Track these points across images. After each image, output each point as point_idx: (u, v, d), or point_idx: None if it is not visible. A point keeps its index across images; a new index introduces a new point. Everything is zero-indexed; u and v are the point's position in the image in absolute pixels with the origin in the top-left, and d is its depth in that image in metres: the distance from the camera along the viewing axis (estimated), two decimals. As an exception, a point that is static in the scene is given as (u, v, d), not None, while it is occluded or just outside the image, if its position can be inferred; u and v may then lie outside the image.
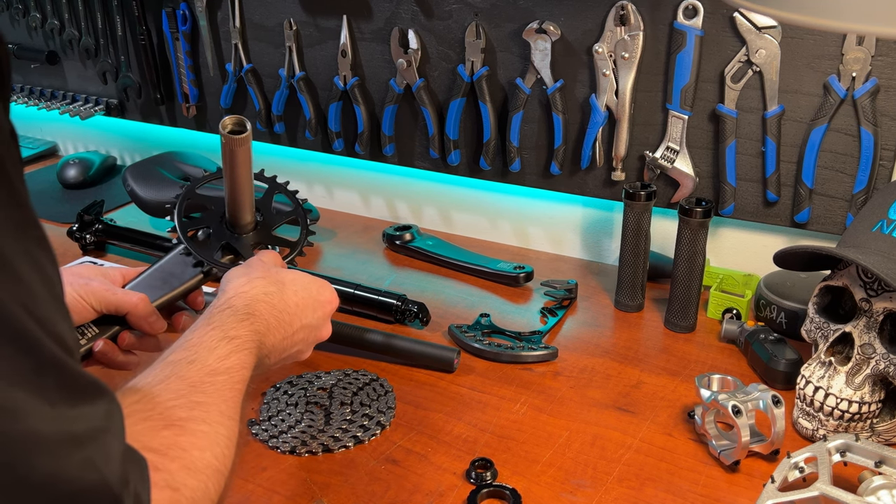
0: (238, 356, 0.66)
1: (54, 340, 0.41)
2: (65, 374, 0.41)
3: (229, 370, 0.64)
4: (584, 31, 1.16)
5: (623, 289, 1.15)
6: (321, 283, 0.82)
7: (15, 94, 1.82)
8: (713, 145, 1.15)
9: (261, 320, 0.72)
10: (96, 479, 0.42)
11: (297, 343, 0.77)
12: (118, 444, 0.46)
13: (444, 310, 1.16)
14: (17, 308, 0.39)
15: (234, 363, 0.64)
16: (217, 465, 0.57)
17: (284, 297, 0.76)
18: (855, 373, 0.84)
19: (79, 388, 0.43)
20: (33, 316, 0.40)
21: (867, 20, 0.51)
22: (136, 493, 0.46)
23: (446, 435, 0.90)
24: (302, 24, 1.39)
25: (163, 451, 0.52)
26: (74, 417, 0.42)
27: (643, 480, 0.83)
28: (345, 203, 1.55)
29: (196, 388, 0.60)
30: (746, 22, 1.06)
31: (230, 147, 0.80)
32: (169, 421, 0.55)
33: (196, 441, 0.56)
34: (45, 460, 0.39)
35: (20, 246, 0.40)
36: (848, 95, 1.03)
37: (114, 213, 1.52)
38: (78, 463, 0.41)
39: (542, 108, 1.24)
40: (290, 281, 0.78)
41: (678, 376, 1.00)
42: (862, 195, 1.06)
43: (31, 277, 0.40)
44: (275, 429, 0.91)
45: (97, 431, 0.43)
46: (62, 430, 0.40)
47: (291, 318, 0.76)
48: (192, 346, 0.64)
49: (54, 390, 0.40)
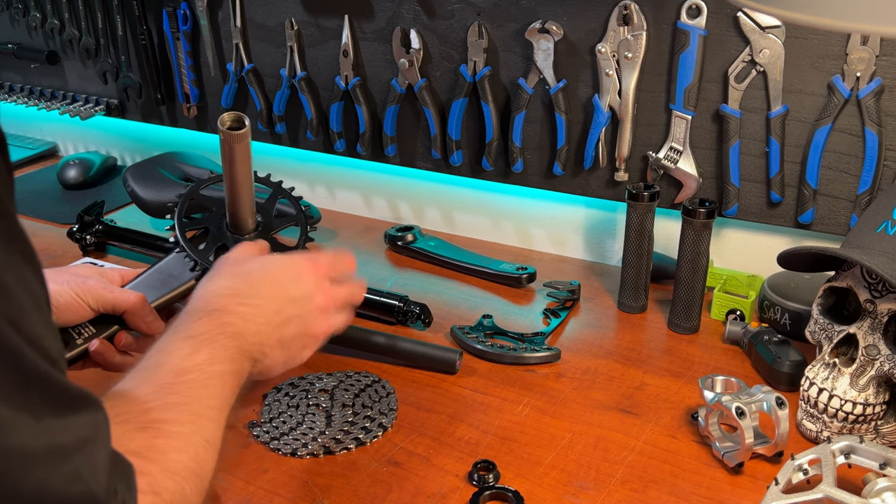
0: (205, 352, 0.65)
1: (40, 354, 0.41)
2: (51, 387, 0.42)
3: (199, 367, 0.63)
4: (587, 30, 1.16)
5: (626, 290, 1.15)
6: (293, 257, 0.80)
7: (15, 94, 1.82)
8: (717, 146, 1.14)
9: (227, 312, 0.70)
10: (83, 491, 0.43)
11: (292, 321, 0.75)
12: (105, 453, 0.46)
13: (446, 311, 1.16)
14: (3, 324, 0.39)
15: (201, 360, 0.64)
16: (193, 468, 0.56)
17: (251, 283, 0.74)
18: (859, 374, 0.84)
19: (65, 399, 0.43)
20: (20, 331, 0.40)
21: (871, 20, 0.50)
22: (124, 502, 0.46)
23: (448, 437, 0.90)
24: (303, 24, 1.38)
25: (142, 454, 0.52)
26: (61, 429, 0.42)
27: (646, 482, 0.82)
28: (346, 204, 1.55)
29: (166, 389, 0.60)
30: (750, 21, 1.05)
31: (229, 143, 0.79)
32: (144, 423, 0.56)
33: (172, 443, 0.56)
34: (33, 474, 0.40)
35: (6, 259, 0.40)
36: (852, 95, 1.03)
37: (114, 214, 1.51)
38: (65, 475, 0.41)
39: (545, 109, 1.23)
40: (257, 267, 0.76)
41: (681, 378, 1.00)
42: (866, 196, 1.05)
43: (17, 291, 0.40)
44: (276, 431, 0.91)
45: (83, 442, 0.43)
46: (49, 444, 0.41)
47: (266, 301, 0.73)
48: (159, 351, 0.64)
49: (40, 404, 0.41)
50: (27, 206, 1.55)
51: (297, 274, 0.77)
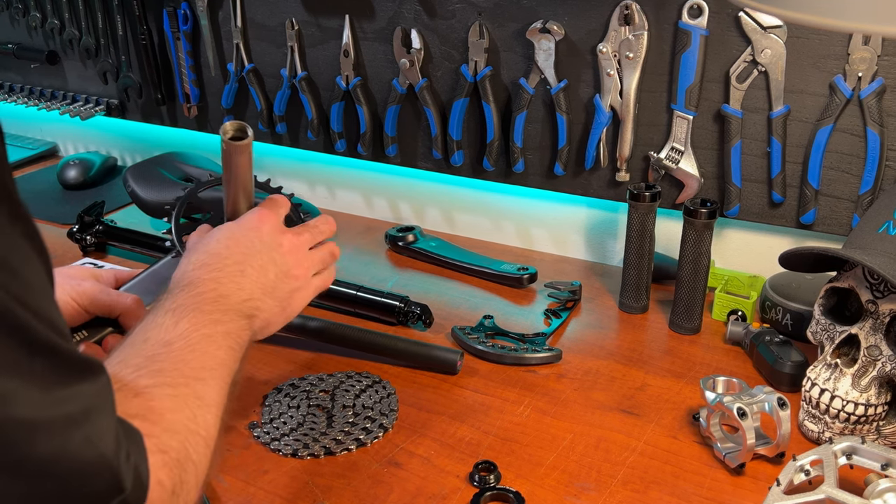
0: (187, 320, 0.65)
1: (47, 325, 0.42)
2: (58, 356, 0.43)
3: (182, 335, 0.64)
4: (588, 30, 1.16)
5: (627, 290, 1.14)
6: (244, 216, 0.80)
7: (15, 94, 1.81)
8: (718, 146, 1.14)
9: (201, 282, 0.70)
10: (95, 456, 0.44)
11: (267, 267, 0.75)
12: (111, 418, 0.47)
13: (447, 311, 1.16)
14: (10, 300, 0.40)
15: (184, 328, 0.65)
16: (192, 427, 0.58)
17: (214, 252, 0.74)
18: (861, 375, 0.84)
19: (73, 368, 0.44)
20: (27, 306, 0.41)
21: (873, 19, 0.50)
22: (136, 465, 0.48)
23: (449, 437, 0.90)
24: (304, 24, 1.38)
25: (143, 416, 0.54)
26: (69, 398, 0.43)
27: (648, 483, 0.82)
28: (347, 204, 1.55)
29: (153, 359, 0.61)
30: (752, 21, 1.05)
31: (230, 153, 0.79)
32: (136, 390, 0.57)
33: (166, 404, 0.57)
34: (45, 443, 0.41)
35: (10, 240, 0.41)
36: (854, 95, 1.02)
37: (114, 214, 1.51)
38: (76, 442, 0.43)
39: (546, 109, 1.23)
40: (215, 236, 0.76)
41: (683, 378, 0.99)
42: (868, 196, 1.05)
43: (22, 269, 0.41)
44: (276, 431, 0.90)
45: (91, 409, 0.45)
46: (59, 413, 0.42)
47: (233, 260, 0.73)
48: (143, 328, 0.65)
49: (49, 374, 0.42)
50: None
51: (252, 227, 0.77)
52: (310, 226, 0.84)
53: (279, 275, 0.76)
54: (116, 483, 0.46)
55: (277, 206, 0.82)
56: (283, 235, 0.79)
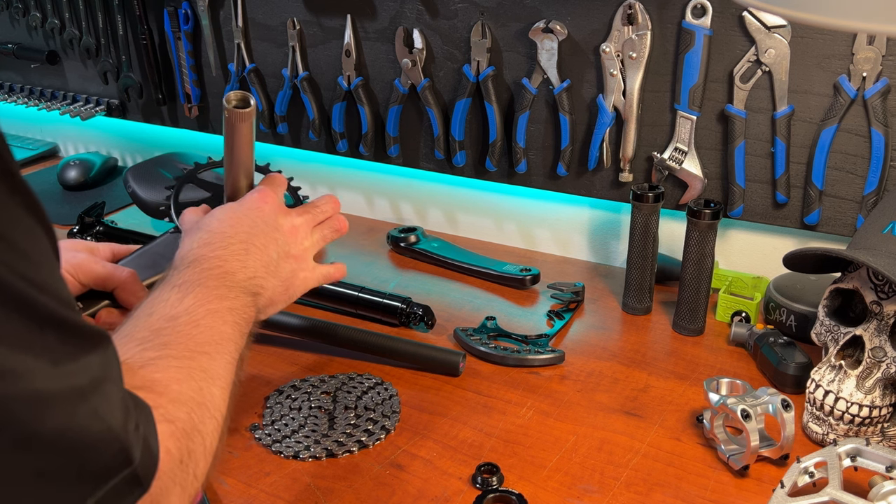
0: (193, 296, 0.66)
1: (53, 297, 0.42)
2: (66, 328, 0.43)
3: (188, 310, 0.64)
4: (591, 30, 1.15)
5: (631, 291, 1.14)
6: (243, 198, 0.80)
7: (15, 95, 1.81)
8: (722, 146, 1.13)
9: (206, 259, 0.71)
10: (102, 429, 0.44)
11: (269, 246, 0.76)
12: (118, 390, 0.47)
13: (449, 313, 1.15)
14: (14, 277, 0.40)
15: (190, 303, 0.65)
16: (197, 398, 0.58)
17: (217, 231, 0.74)
18: (865, 376, 0.83)
19: (80, 339, 0.44)
20: (32, 281, 0.40)
21: (877, 19, 0.50)
22: (145, 436, 0.48)
23: (452, 439, 0.89)
24: (305, 24, 1.38)
25: (149, 387, 0.54)
26: (77, 371, 0.43)
27: (651, 485, 0.82)
28: (349, 204, 1.54)
29: (159, 332, 0.61)
30: (756, 21, 1.05)
31: (233, 122, 0.78)
32: (141, 362, 0.57)
33: (172, 374, 0.57)
34: (53, 417, 0.41)
35: (10, 213, 0.41)
36: (858, 95, 1.02)
37: (115, 215, 1.51)
38: (84, 415, 0.43)
39: (549, 109, 1.23)
40: (216, 216, 0.77)
41: (686, 380, 0.99)
42: (872, 196, 1.04)
43: (24, 243, 0.41)
44: (278, 433, 0.90)
45: (99, 381, 0.44)
46: (66, 386, 0.42)
47: (236, 239, 0.74)
48: (149, 303, 0.66)
49: (57, 347, 0.42)
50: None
51: (254, 207, 0.78)
52: (312, 205, 0.85)
53: (280, 254, 0.77)
54: (125, 456, 0.45)
55: (276, 184, 0.84)
56: (284, 217, 0.80)
